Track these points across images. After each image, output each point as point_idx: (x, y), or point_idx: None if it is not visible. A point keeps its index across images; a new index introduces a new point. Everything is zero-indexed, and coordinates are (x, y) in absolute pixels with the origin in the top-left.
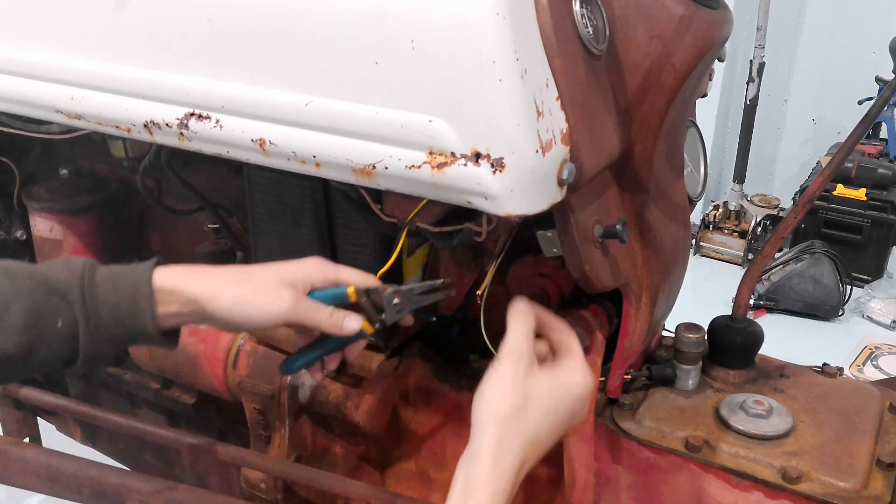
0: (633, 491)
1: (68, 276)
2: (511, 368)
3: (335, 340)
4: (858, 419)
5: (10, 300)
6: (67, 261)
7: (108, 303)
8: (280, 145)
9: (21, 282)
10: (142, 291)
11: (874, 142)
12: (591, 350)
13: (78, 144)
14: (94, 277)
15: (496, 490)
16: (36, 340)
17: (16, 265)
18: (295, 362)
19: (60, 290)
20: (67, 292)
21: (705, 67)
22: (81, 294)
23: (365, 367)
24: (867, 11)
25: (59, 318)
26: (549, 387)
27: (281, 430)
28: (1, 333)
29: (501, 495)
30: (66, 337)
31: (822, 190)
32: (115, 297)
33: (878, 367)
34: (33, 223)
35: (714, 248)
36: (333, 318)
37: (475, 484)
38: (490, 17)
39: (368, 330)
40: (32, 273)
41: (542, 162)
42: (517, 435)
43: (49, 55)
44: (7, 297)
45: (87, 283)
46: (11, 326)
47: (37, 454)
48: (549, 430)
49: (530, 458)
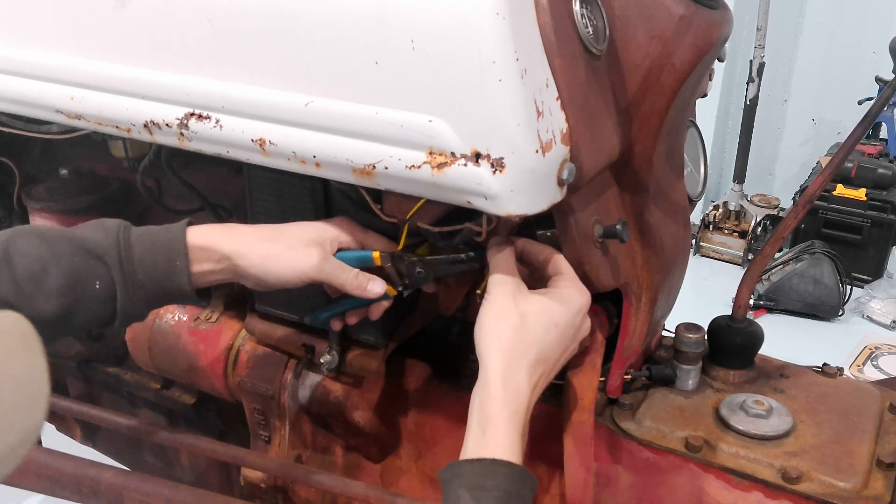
0: (633, 491)
1: (104, 239)
2: (501, 295)
3: (359, 299)
4: (858, 419)
5: (48, 264)
6: (102, 223)
7: (144, 263)
8: (280, 145)
9: (59, 245)
10: (177, 251)
11: (874, 142)
12: (591, 350)
13: (78, 144)
14: (129, 239)
15: (510, 413)
16: (75, 303)
17: (51, 230)
18: (322, 314)
19: (97, 252)
20: (105, 254)
21: (705, 67)
22: (118, 256)
23: (365, 367)
24: (867, 11)
25: (96, 280)
26: (544, 303)
27: (281, 430)
28: (41, 297)
29: (516, 416)
30: (104, 298)
31: (822, 190)
32: (152, 257)
33: (878, 367)
34: (33, 223)
35: (714, 248)
36: (358, 280)
37: (489, 412)
38: (490, 17)
39: (392, 293)
40: (69, 237)
41: (542, 162)
42: (521, 355)
43: (49, 55)
44: (46, 260)
45: (122, 245)
46: (51, 289)
47: (37, 454)
48: (554, 345)
49: (541, 375)
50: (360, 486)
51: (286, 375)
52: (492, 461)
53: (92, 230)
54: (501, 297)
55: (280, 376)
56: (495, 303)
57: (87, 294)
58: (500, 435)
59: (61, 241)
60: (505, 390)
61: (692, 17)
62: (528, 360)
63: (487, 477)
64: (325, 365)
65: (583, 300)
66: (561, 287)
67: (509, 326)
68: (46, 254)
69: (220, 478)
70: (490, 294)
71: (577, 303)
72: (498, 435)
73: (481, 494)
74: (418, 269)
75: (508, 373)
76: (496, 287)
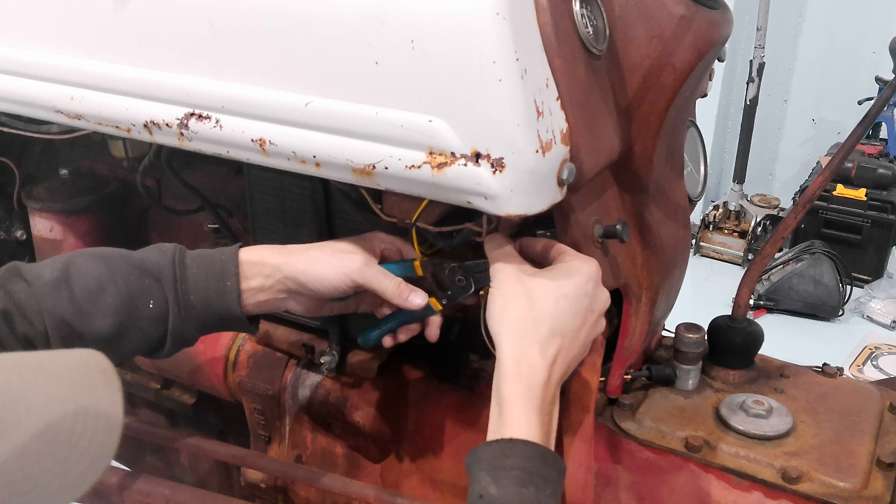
0: (633, 491)
1: (160, 258)
2: (506, 278)
3: (407, 314)
4: (858, 419)
5: (105, 283)
6: (160, 245)
7: (197, 282)
8: (280, 145)
9: (116, 265)
10: (228, 270)
11: (874, 142)
12: (591, 350)
13: (78, 144)
14: (184, 259)
15: (524, 390)
16: (129, 321)
17: (111, 250)
18: (371, 333)
19: (154, 271)
20: (160, 273)
21: (705, 67)
22: (173, 275)
23: (365, 367)
24: (867, 11)
25: (150, 300)
26: (550, 276)
27: (281, 430)
28: (98, 314)
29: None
30: (157, 318)
31: (822, 190)
32: (205, 277)
33: (878, 367)
34: (33, 223)
35: (714, 248)
36: (399, 289)
37: (503, 391)
38: (490, 17)
39: (436, 307)
40: (127, 257)
41: (542, 162)
42: (531, 331)
43: (49, 55)
44: (104, 279)
45: (178, 264)
46: (107, 307)
47: None
48: (567, 317)
49: (558, 349)
50: (360, 486)
51: (286, 375)
52: (510, 441)
53: (150, 251)
54: (507, 279)
55: (280, 376)
56: (501, 287)
57: (140, 313)
58: (515, 412)
59: (119, 261)
60: (517, 368)
61: (692, 17)
62: (540, 335)
63: (505, 457)
64: (325, 365)
65: (589, 268)
66: (566, 259)
67: (518, 305)
68: (105, 272)
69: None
70: (495, 280)
71: (584, 271)
72: (513, 412)
73: (500, 474)
74: (459, 276)
75: (519, 349)
76: (500, 272)
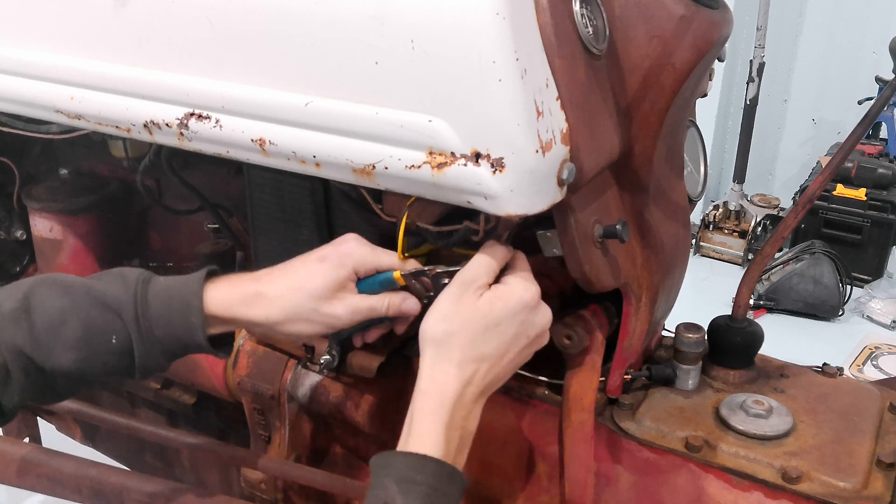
0: (633, 491)
1: (123, 293)
2: (452, 295)
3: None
4: (858, 419)
5: (68, 315)
6: (122, 274)
7: (160, 320)
8: (280, 145)
9: (78, 297)
10: (193, 306)
11: (874, 142)
12: (591, 350)
13: (78, 144)
14: (146, 294)
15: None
16: (92, 356)
17: (74, 280)
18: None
19: (114, 307)
20: (121, 310)
21: (705, 67)
22: (135, 312)
23: (365, 367)
24: (867, 11)
25: (112, 335)
26: (489, 302)
27: (281, 430)
28: (58, 348)
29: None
30: (120, 352)
31: (822, 190)
32: (168, 314)
33: (878, 367)
34: (33, 223)
35: (714, 248)
36: (391, 306)
37: (415, 405)
38: (490, 17)
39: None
40: (89, 289)
41: (542, 162)
42: (455, 352)
43: (49, 55)
44: (66, 312)
45: (139, 301)
46: (68, 341)
47: (37, 454)
48: (497, 345)
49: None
50: (360, 486)
51: (286, 375)
52: (423, 457)
53: (113, 283)
54: (451, 298)
55: (280, 376)
56: (438, 304)
57: (103, 348)
58: (424, 426)
59: (81, 293)
60: (431, 384)
61: (692, 17)
62: (462, 357)
63: (417, 472)
64: (325, 365)
65: (526, 296)
66: (508, 282)
67: (448, 325)
68: (67, 305)
69: (220, 478)
70: (446, 290)
71: (519, 298)
72: (423, 427)
73: (408, 488)
74: (445, 280)
75: (437, 367)
76: (454, 284)
